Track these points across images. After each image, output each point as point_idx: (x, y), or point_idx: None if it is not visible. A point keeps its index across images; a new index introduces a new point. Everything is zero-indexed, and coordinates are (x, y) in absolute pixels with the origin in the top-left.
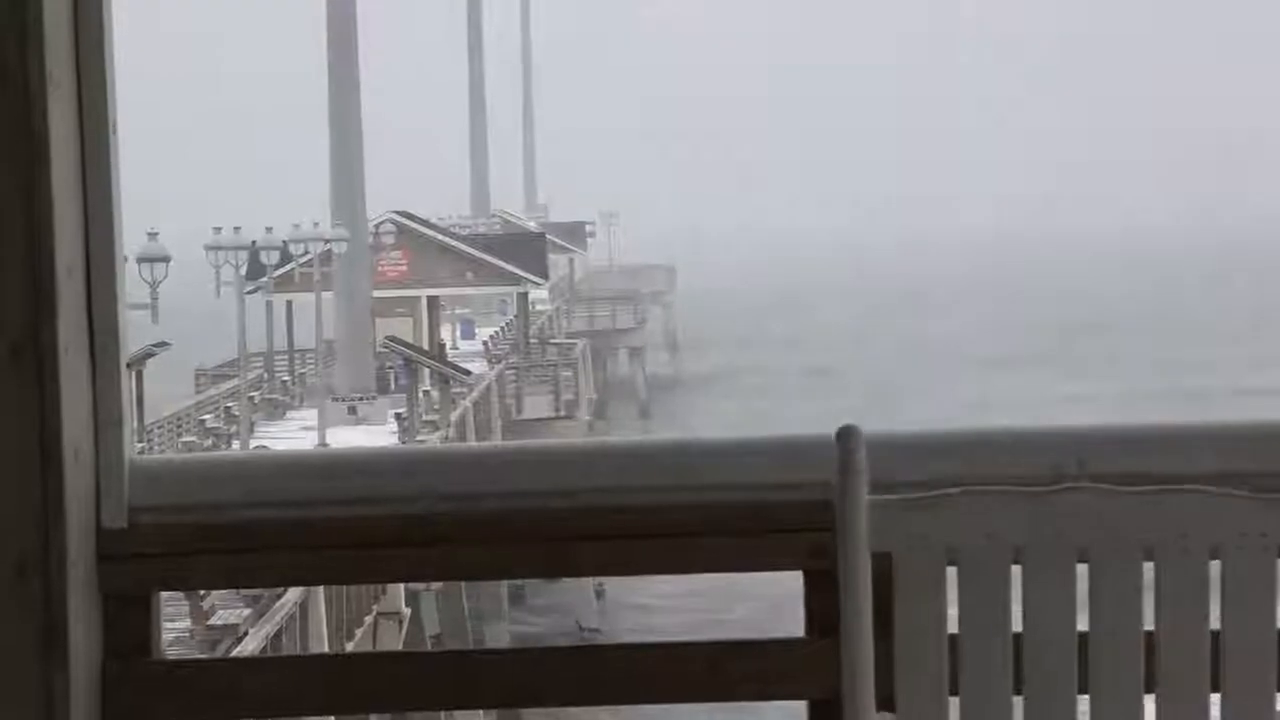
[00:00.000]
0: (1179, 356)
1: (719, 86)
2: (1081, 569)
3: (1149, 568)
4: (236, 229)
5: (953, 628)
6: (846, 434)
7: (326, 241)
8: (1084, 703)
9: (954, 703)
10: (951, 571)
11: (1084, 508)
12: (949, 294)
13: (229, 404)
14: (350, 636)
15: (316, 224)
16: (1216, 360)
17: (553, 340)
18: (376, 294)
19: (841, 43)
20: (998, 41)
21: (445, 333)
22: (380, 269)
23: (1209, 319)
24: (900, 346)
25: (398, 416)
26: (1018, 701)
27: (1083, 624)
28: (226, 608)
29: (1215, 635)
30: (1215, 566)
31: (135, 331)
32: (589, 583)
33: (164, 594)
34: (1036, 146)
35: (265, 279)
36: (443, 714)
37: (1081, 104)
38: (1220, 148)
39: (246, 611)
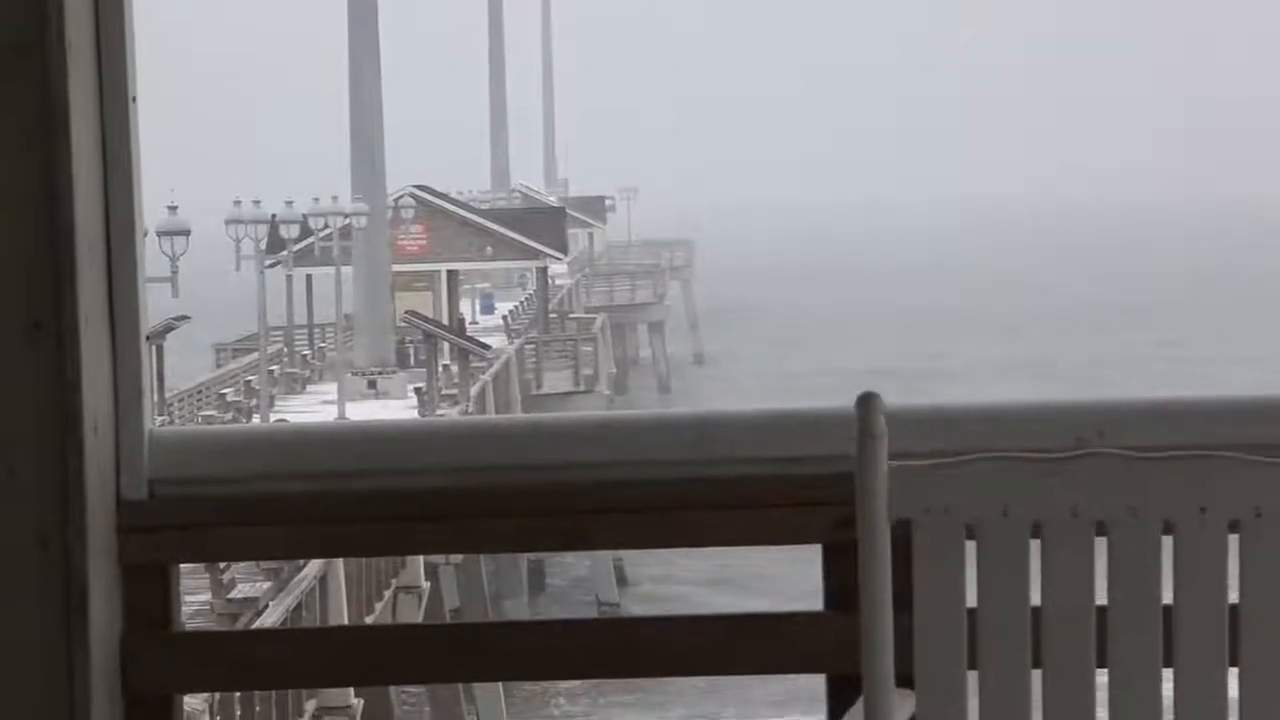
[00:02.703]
0: None
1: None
2: (1100, 543)
3: (1168, 540)
4: (256, 202)
5: (971, 602)
6: (866, 400)
7: (346, 216)
8: (1103, 676)
9: (972, 676)
10: (970, 546)
11: (1102, 476)
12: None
13: (249, 378)
14: (370, 610)
15: (336, 198)
16: None
17: (572, 315)
18: (396, 268)
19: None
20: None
21: (465, 307)
22: (399, 243)
23: None
24: None
25: (417, 391)
26: (1036, 675)
27: (1101, 597)
28: (246, 581)
29: (1234, 609)
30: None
31: (155, 305)
32: (609, 558)
33: (184, 566)
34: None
35: (285, 253)
36: (460, 685)
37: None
38: None
39: (266, 585)
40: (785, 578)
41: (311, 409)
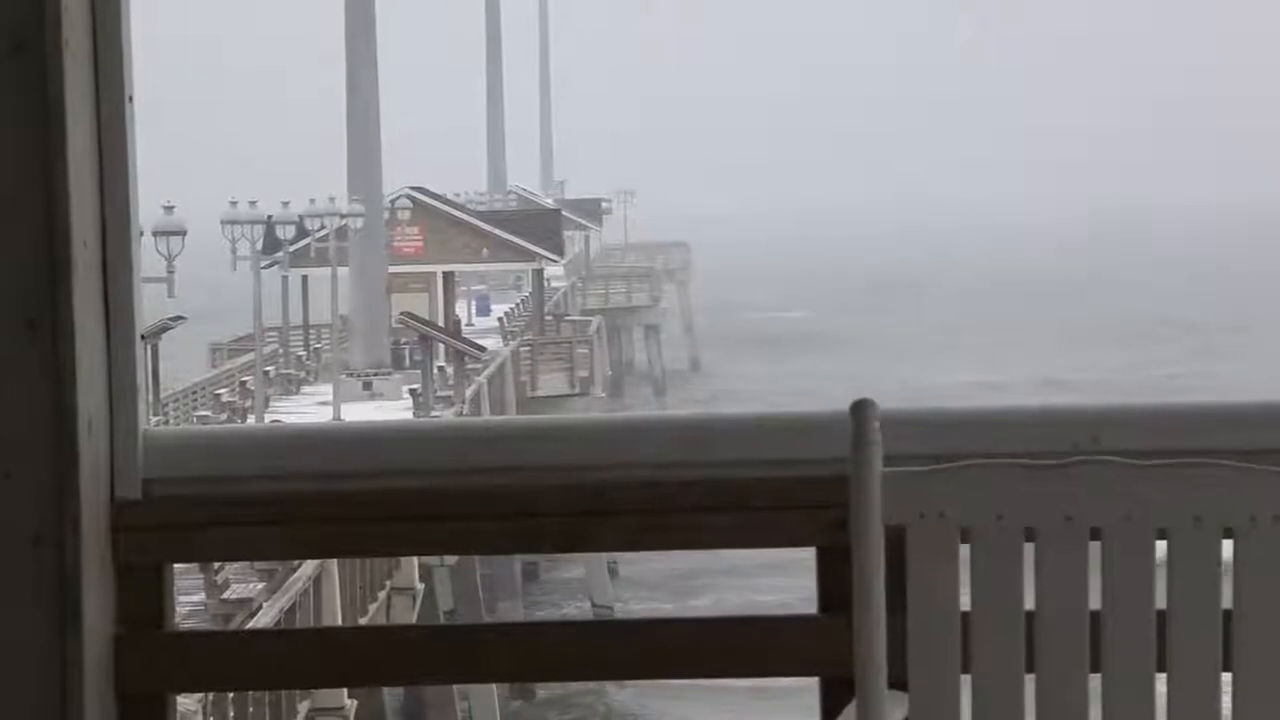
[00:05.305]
0: None
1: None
2: (1094, 546)
3: (1161, 545)
4: (253, 203)
5: (964, 606)
6: (861, 407)
7: (342, 216)
8: (1095, 680)
9: (965, 680)
10: (964, 551)
11: (1097, 483)
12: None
13: (244, 378)
14: (364, 612)
15: (332, 199)
16: None
17: (568, 317)
18: (392, 269)
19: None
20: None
21: (461, 308)
22: (396, 245)
23: None
24: None
25: (412, 392)
26: (1029, 679)
27: (1095, 603)
28: (240, 581)
29: (1227, 614)
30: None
31: (151, 305)
32: (604, 560)
33: (178, 567)
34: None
35: (281, 254)
36: (454, 686)
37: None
38: None
39: (260, 585)
40: None
41: (306, 410)
